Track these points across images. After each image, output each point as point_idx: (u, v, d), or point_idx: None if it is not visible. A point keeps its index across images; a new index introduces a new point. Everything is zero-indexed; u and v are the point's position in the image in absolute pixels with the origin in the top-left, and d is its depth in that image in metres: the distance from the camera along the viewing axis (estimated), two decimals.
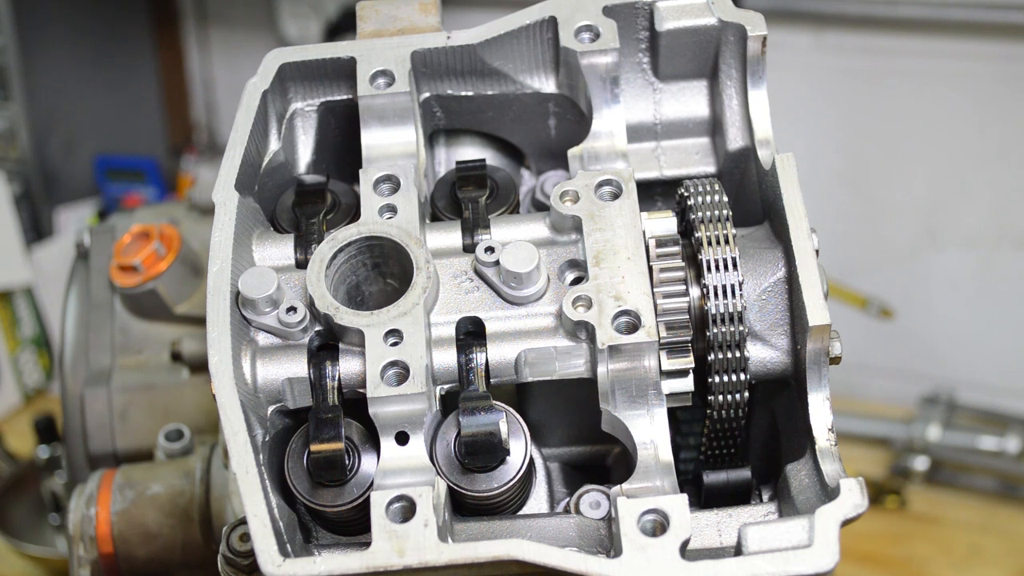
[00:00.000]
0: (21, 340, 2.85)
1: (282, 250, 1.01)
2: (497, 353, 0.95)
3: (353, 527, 0.98)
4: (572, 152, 1.07)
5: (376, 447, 0.92)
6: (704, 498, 1.06)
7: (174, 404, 1.17)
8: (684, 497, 0.88)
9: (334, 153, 1.13)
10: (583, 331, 0.94)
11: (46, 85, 3.01)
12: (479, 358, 0.95)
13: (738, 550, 0.88)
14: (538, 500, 1.01)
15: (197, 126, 3.48)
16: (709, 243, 0.96)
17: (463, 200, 1.04)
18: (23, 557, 2.19)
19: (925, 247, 2.79)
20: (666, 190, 1.13)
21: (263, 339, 0.96)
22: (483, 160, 1.09)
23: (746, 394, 0.98)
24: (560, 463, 1.08)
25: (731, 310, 0.95)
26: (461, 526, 0.95)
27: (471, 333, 0.96)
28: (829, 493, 0.90)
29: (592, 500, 0.97)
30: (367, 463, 0.95)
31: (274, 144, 1.08)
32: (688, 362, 0.95)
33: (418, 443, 0.91)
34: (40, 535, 2.24)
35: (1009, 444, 2.47)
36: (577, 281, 0.97)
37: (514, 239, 0.99)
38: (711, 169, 1.11)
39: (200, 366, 1.45)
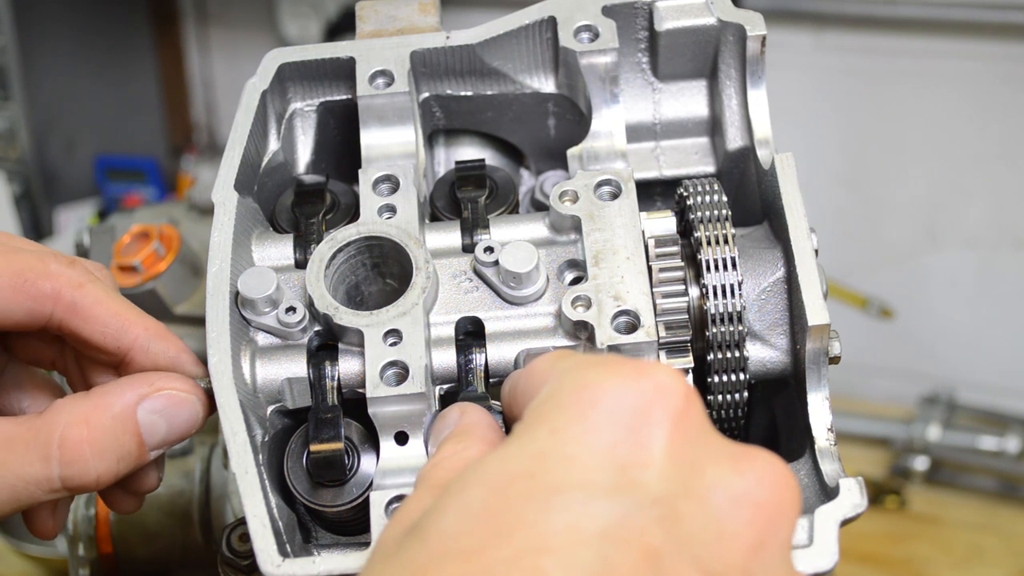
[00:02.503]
0: None
1: (281, 250, 1.01)
2: (496, 353, 0.95)
3: (352, 527, 0.98)
4: (571, 152, 1.07)
5: (376, 447, 0.92)
6: None
7: None
8: None
9: (333, 153, 1.13)
10: (582, 331, 0.94)
11: (46, 85, 3.01)
12: (478, 358, 0.95)
13: None
14: None
15: (197, 126, 3.48)
16: (708, 243, 0.96)
17: (462, 200, 1.04)
18: (23, 557, 2.18)
19: (925, 247, 2.79)
20: (665, 190, 1.13)
21: (262, 339, 0.96)
22: (482, 160, 1.09)
23: (745, 394, 0.98)
24: None
25: (730, 310, 0.95)
26: None
27: (470, 333, 0.96)
28: (828, 493, 0.90)
29: None
30: (367, 463, 0.95)
31: (273, 144, 1.08)
32: (687, 362, 0.95)
33: (417, 443, 0.91)
34: None
35: (1009, 444, 2.47)
36: (576, 281, 0.97)
37: (513, 239, 0.99)
38: (710, 169, 1.11)
39: None
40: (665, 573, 0.63)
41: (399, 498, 0.87)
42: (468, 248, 1.00)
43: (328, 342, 0.96)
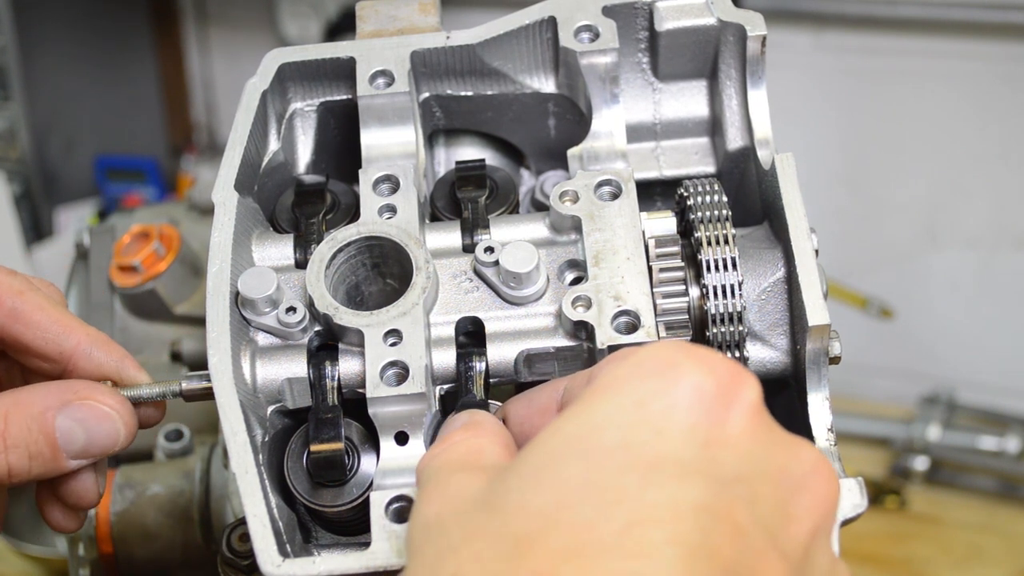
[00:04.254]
0: None
1: (281, 250, 1.01)
2: (496, 353, 0.95)
3: (353, 527, 0.98)
4: (572, 152, 1.07)
5: (376, 447, 0.92)
6: None
7: (174, 404, 1.17)
8: None
9: (333, 153, 1.13)
10: (583, 331, 0.94)
11: (46, 85, 3.00)
12: (478, 365, 0.94)
13: None
14: None
15: (197, 126, 3.48)
16: (708, 243, 0.96)
17: (462, 200, 1.04)
18: (23, 557, 2.18)
19: (925, 247, 2.79)
20: (666, 190, 1.13)
21: (263, 339, 0.96)
22: (483, 160, 1.09)
23: None
24: None
25: (731, 310, 0.95)
26: None
27: (470, 333, 0.96)
28: None
29: None
30: (367, 463, 0.95)
31: (273, 144, 1.08)
32: None
33: (417, 443, 0.91)
34: (40, 535, 2.23)
35: (1009, 444, 2.47)
36: (577, 281, 0.97)
37: (514, 239, 0.99)
38: (711, 169, 1.11)
39: (199, 366, 1.45)
40: (750, 548, 0.66)
41: (399, 498, 0.87)
42: (468, 248, 1.00)
43: (328, 342, 0.96)
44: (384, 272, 1.00)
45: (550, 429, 0.70)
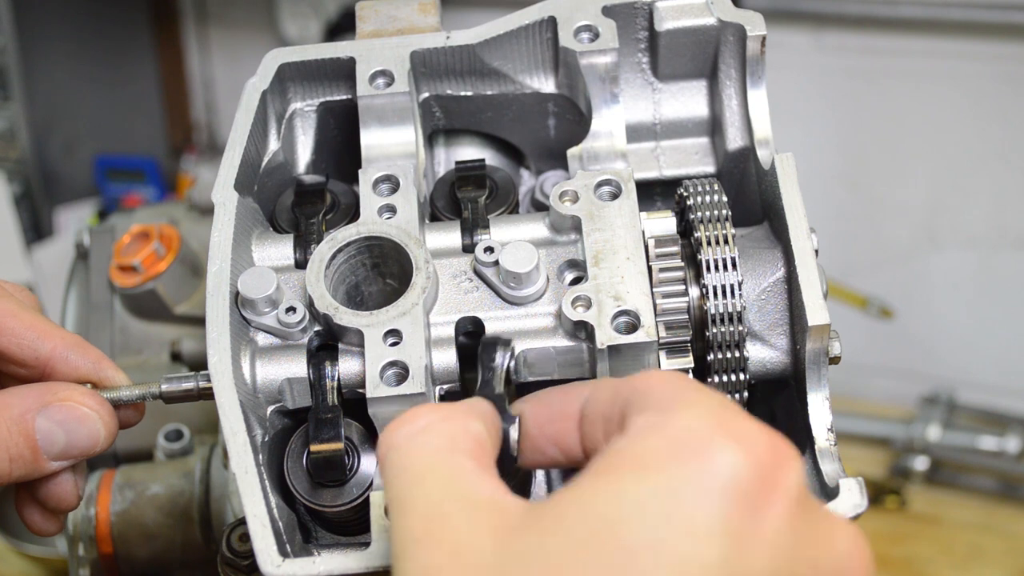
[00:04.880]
0: None
1: (281, 250, 1.01)
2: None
3: (353, 527, 0.98)
4: (571, 152, 1.07)
5: (375, 447, 0.92)
6: None
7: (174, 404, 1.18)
8: None
9: (333, 153, 1.13)
10: (582, 331, 0.94)
11: (46, 85, 3.00)
12: (500, 359, 0.92)
13: None
14: (537, 500, 1.01)
15: (197, 126, 3.48)
16: (708, 243, 0.96)
17: (462, 200, 1.04)
18: (23, 557, 2.18)
19: (925, 247, 2.79)
20: (665, 190, 1.13)
21: (262, 339, 0.96)
22: (482, 160, 1.09)
23: (746, 394, 0.98)
24: None
25: (730, 310, 0.95)
26: None
27: (470, 333, 0.96)
28: (828, 493, 0.90)
29: None
30: (367, 463, 0.95)
31: (273, 144, 1.08)
32: (687, 362, 0.95)
33: None
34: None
35: (1009, 444, 2.47)
36: (576, 281, 0.97)
37: (513, 239, 0.99)
38: (710, 169, 1.11)
39: (199, 366, 1.45)
40: None
41: None
42: (468, 248, 1.00)
43: (328, 342, 0.96)
44: (384, 272, 1.00)
45: (574, 502, 0.67)
